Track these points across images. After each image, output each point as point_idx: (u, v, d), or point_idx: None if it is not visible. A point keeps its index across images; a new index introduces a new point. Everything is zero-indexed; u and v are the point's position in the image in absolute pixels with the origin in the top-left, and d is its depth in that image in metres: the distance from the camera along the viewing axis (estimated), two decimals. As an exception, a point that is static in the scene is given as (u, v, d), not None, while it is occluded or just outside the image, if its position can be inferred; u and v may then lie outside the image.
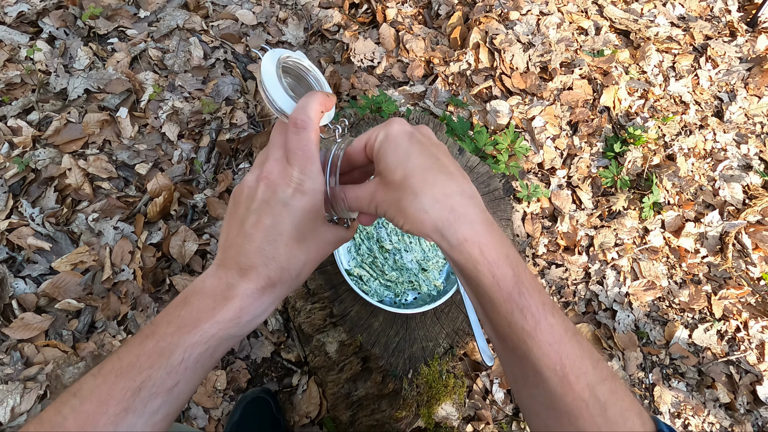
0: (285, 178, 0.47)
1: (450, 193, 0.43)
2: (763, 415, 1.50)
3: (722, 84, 1.98)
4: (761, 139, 1.90)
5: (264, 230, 0.46)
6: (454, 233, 0.42)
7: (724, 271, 1.66)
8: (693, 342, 1.57)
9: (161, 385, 0.42)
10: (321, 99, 0.48)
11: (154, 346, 0.42)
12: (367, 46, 1.86)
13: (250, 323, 0.46)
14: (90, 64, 1.59)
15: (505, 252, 0.43)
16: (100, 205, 1.43)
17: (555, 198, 1.70)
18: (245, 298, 0.45)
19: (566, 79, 1.84)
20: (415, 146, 0.45)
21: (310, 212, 0.47)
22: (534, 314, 0.42)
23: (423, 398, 0.92)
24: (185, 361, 0.42)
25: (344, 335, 0.94)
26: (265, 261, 0.46)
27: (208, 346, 0.43)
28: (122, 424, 0.40)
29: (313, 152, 0.47)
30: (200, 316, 0.44)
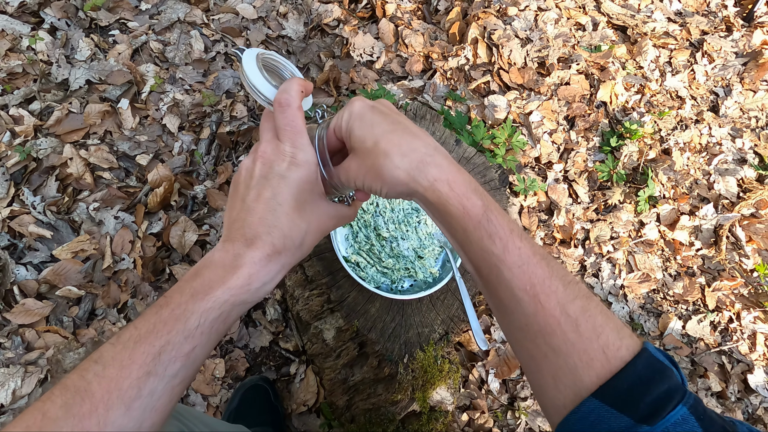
0: (279, 153, 0.50)
1: (416, 147, 0.47)
2: (752, 403, 1.52)
3: (718, 79, 2.00)
4: (756, 133, 1.92)
5: (264, 202, 0.49)
6: (425, 176, 0.46)
7: (718, 263, 1.68)
8: (686, 333, 1.59)
9: (180, 349, 0.43)
10: (300, 81, 0.52)
11: (170, 314, 0.44)
12: (366, 40, 1.88)
13: (260, 290, 0.48)
14: (91, 56, 1.61)
15: (473, 187, 0.47)
16: (101, 194, 1.45)
17: (552, 192, 1.71)
18: (253, 265, 0.47)
19: (563, 75, 1.85)
20: (377, 116, 0.50)
21: (306, 182, 0.50)
22: (502, 238, 0.45)
23: (418, 382, 0.93)
24: (201, 326, 0.44)
25: (341, 321, 0.96)
26: (268, 229, 0.48)
27: (221, 311, 0.45)
28: (145, 387, 0.42)
29: (301, 126, 0.51)
30: (212, 284, 0.46)
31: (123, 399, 0.41)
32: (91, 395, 0.40)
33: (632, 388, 0.40)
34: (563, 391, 0.44)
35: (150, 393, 0.42)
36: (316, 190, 0.52)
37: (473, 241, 0.47)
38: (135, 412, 0.41)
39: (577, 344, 0.43)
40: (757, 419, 1.51)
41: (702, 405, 0.40)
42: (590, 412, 0.41)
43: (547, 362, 0.45)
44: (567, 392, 0.43)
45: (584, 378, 0.42)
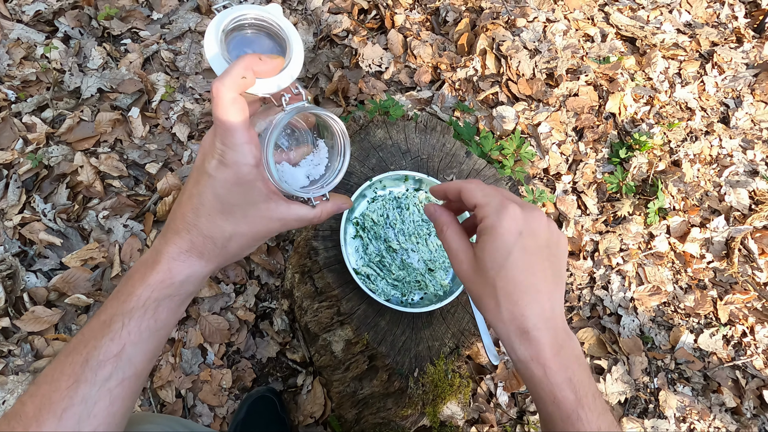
0: (211, 149, 0.46)
1: (527, 315, 0.46)
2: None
3: (728, 90, 1.99)
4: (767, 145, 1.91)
5: (190, 198, 0.48)
6: (522, 351, 0.46)
7: (730, 276, 1.66)
8: (698, 347, 1.57)
9: (107, 352, 0.44)
10: (246, 63, 0.44)
11: (97, 321, 0.45)
12: (375, 51, 1.88)
13: (186, 282, 0.48)
14: (103, 64, 1.62)
15: (568, 375, 0.46)
16: (111, 202, 1.45)
17: (560, 203, 1.71)
18: (171, 260, 0.47)
19: (572, 86, 1.85)
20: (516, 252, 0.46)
21: (234, 185, 0.46)
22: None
23: (428, 397, 0.92)
24: (126, 326, 0.45)
25: (351, 333, 0.95)
26: (187, 227, 0.48)
27: (145, 309, 0.46)
28: (76, 396, 0.42)
29: (233, 123, 0.44)
30: (134, 284, 0.46)
31: (54, 411, 0.41)
32: (24, 415, 0.41)
33: None
34: None
35: (82, 400, 0.42)
36: (251, 193, 0.47)
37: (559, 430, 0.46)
38: (68, 421, 0.42)
39: None
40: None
41: None
42: None
43: None
44: None
45: None
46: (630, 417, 1.46)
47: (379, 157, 1.05)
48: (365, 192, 0.98)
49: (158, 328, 0.47)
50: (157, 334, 0.47)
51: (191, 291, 0.49)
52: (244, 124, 0.45)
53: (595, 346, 1.55)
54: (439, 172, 1.08)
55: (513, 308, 0.46)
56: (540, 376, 0.45)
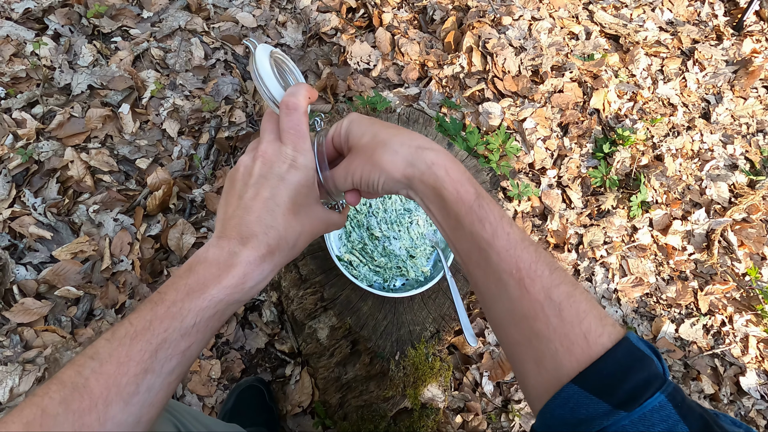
0: (280, 155, 0.51)
1: (414, 137, 0.51)
2: (745, 405, 1.54)
3: (709, 86, 2.03)
4: (747, 139, 1.95)
5: (263, 202, 0.50)
6: (422, 160, 0.49)
7: (710, 267, 1.70)
8: (680, 336, 1.60)
9: (176, 346, 0.44)
10: (308, 87, 0.54)
11: (166, 311, 0.45)
12: (363, 49, 1.91)
13: (253, 289, 0.49)
14: (94, 61, 1.64)
15: (467, 176, 0.50)
16: (101, 197, 1.47)
17: (545, 197, 1.74)
18: (248, 265, 0.48)
19: (557, 82, 1.89)
20: (374, 120, 0.54)
21: (304, 186, 0.52)
22: (492, 223, 0.47)
23: (410, 379, 0.95)
24: (197, 324, 0.45)
25: (334, 319, 0.98)
26: (265, 230, 0.49)
27: (216, 310, 0.47)
28: (143, 384, 0.43)
29: (305, 131, 0.52)
30: (207, 282, 0.46)
31: (122, 395, 0.41)
32: (90, 391, 0.41)
33: (611, 375, 0.40)
34: (545, 377, 0.44)
35: (148, 389, 0.43)
36: (312, 194, 0.53)
37: (464, 225, 0.48)
38: (133, 407, 0.42)
39: (558, 329, 0.43)
40: (750, 421, 1.52)
41: (681, 394, 0.40)
42: (570, 398, 0.41)
43: (530, 347, 0.45)
44: (548, 378, 0.43)
45: (565, 363, 0.42)
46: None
47: (363, 148, 1.08)
48: (348, 181, 1.00)
49: (217, 328, 0.49)
50: (214, 332, 0.49)
51: (253, 296, 0.50)
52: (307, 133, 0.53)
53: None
54: (421, 163, 1.10)
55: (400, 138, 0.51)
56: (443, 176, 0.49)
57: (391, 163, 0.50)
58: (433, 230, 1.04)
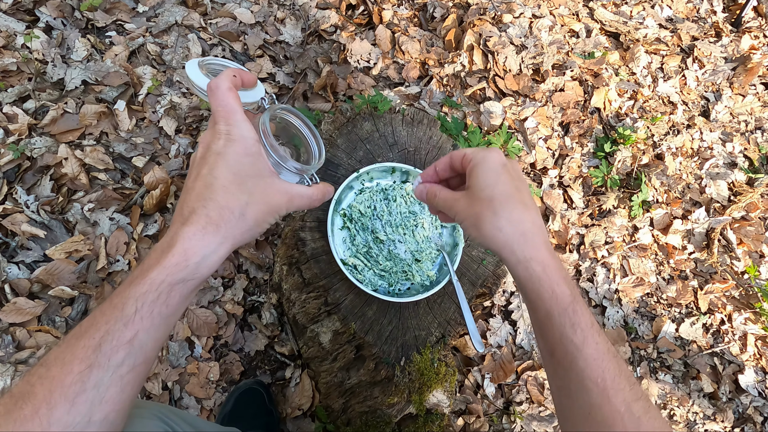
0: (215, 134, 0.51)
1: (523, 220, 0.52)
2: (743, 402, 1.55)
3: (708, 84, 2.02)
4: (746, 137, 1.95)
5: (202, 179, 0.49)
6: (522, 251, 0.50)
7: (710, 266, 1.70)
8: (680, 335, 1.60)
9: (120, 337, 0.43)
10: (235, 70, 0.54)
11: (109, 304, 0.45)
12: (363, 47, 1.89)
13: (201, 264, 0.47)
14: (88, 56, 1.60)
15: (563, 274, 0.51)
16: (96, 195, 1.44)
17: (547, 197, 1.73)
18: (187, 240, 0.47)
19: (558, 81, 1.87)
20: (504, 175, 0.53)
21: (245, 156, 0.50)
22: (584, 330, 0.49)
23: (415, 385, 0.93)
24: (139, 311, 0.44)
25: (338, 324, 0.96)
26: (203, 203, 0.48)
27: (159, 292, 0.45)
28: (89, 381, 0.42)
29: (233, 105, 0.51)
30: (149, 268, 0.46)
31: (66, 395, 0.41)
32: (33, 397, 0.40)
33: None
34: None
35: (95, 385, 0.42)
36: (259, 164, 0.52)
37: (554, 324, 0.50)
38: (81, 406, 0.41)
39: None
40: (747, 418, 1.53)
41: None
42: None
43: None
44: None
45: None
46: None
47: (366, 150, 1.06)
48: (352, 184, 0.99)
49: (169, 314, 0.47)
50: (168, 321, 0.47)
51: (205, 274, 0.48)
52: (241, 108, 0.51)
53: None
54: (425, 164, 1.09)
55: (510, 215, 0.51)
56: (540, 273, 0.50)
57: (491, 235, 0.52)
58: (439, 233, 1.03)
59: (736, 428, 1.52)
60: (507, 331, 1.53)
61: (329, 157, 1.03)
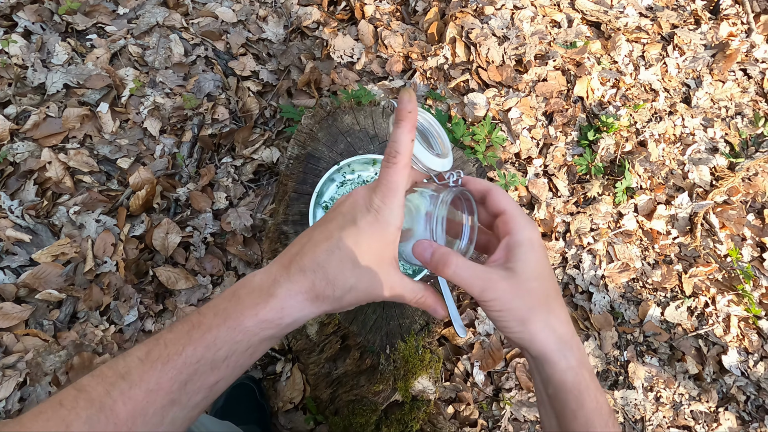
0: (366, 202, 0.47)
1: (563, 320, 0.47)
2: (726, 383, 1.58)
3: (689, 71, 2.05)
4: (726, 122, 1.98)
5: (328, 240, 0.47)
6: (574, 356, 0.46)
7: (694, 250, 1.73)
8: (665, 319, 1.63)
9: (205, 381, 0.43)
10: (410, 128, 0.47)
11: (200, 338, 0.43)
12: (346, 42, 1.89)
13: (291, 326, 0.46)
14: (69, 60, 1.60)
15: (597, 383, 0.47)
16: (82, 198, 1.44)
17: (532, 186, 1.74)
18: (288, 298, 0.45)
19: (541, 71, 1.89)
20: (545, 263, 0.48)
21: (378, 241, 0.47)
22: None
23: (400, 372, 0.95)
24: (228, 359, 0.43)
25: (323, 315, 0.97)
26: (315, 267, 0.46)
27: (249, 344, 0.44)
28: (168, 416, 0.41)
29: (397, 185, 0.46)
30: (244, 312, 0.44)
31: (147, 425, 0.40)
32: (116, 416, 0.39)
33: None
34: None
35: (172, 421, 0.42)
36: (385, 253, 0.47)
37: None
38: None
39: None
40: (731, 398, 1.56)
41: None
42: None
43: None
44: None
45: None
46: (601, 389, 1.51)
47: (348, 142, 1.07)
48: (334, 176, 0.99)
49: (249, 365, 0.46)
50: (244, 369, 0.47)
51: (287, 333, 0.47)
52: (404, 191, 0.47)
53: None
54: (406, 155, 1.10)
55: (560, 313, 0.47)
56: (588, 380, 0.46)
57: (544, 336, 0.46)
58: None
59: (720, 407, 1.55)
60: (495, 320, 1.55)
61: (310, 151, 1.04)
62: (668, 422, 1.54)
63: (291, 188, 1.02)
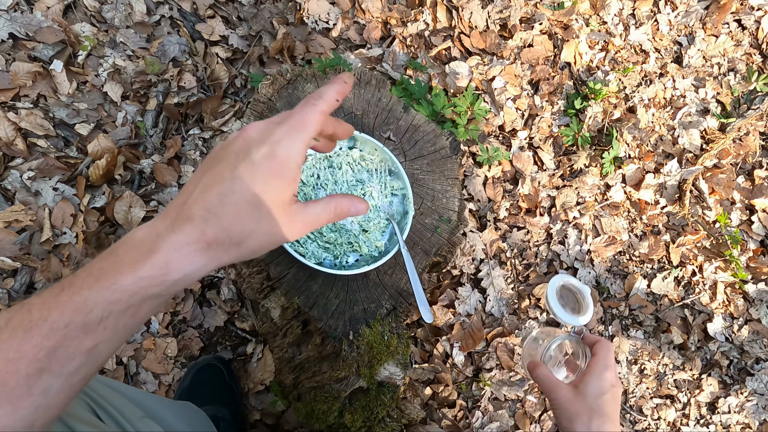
0: (264, 134, 0.44)
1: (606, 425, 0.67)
2: (711, 349, 1.58)
3: (681, 27, 1.94)
4: (718, 81, 1.89)
5: (219, 183, 0.43)
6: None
7: (682, 218, 1.68)
8: (651, 291, 1.60)
9: (79, 346, 0.38)
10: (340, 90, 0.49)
11: (69, 300, 0.39)
12: (321, 6, 1.77)
13: (179, 282, 0.42)
14: (14, 5, 1.47)
15: None
16: (37, 163, 1.37)
17: (516, 160, 1.67)
18: (173, 251, 0.41)
19: (526, 36, 1.78)
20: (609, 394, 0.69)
21: (277, 177, 0.44)
22: None
23: (364, 359, 0.90)
24: (104, 321, 0.39)
25: (283, 299, 0.91)
26: (205, 215, 0.42)
27: (129, 305, 0.40)
28: (36, 386, 0.37)
29: (308, 123, 0.45)
30: (122, 269, 0.40)
31: (9, 398, 0.36)
32: None
33: None
34: None
35: (43, 392, 0.37)
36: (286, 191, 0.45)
37: None
38: (24, 410, 0.37)
39: None
40: (714, 364, 1.55)
41: None
42: None
43: None
44: None
45: None
46: (583, 367, 1.48)
47: (309, 113, 0.99)
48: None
49: (134, 326, 0.42)
50: (130, 331, 0.43)
51: (179, 290, 0.45)
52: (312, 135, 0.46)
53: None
54: (374, 129, 1.02)
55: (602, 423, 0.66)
56: None
57: None
58: (389, 202, 0.97)
59: (703, 374, 1.55)
60: (477, 299, 1.50)
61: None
62: (651, 393, 1.53)
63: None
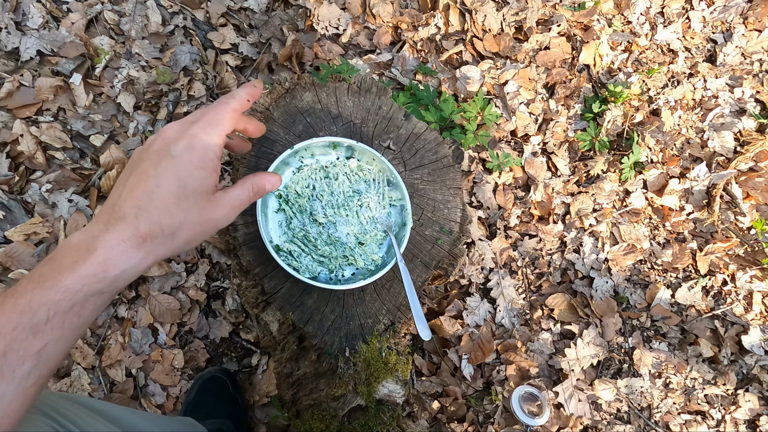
0: (181, 132, 0.48)
1: None
2: (747, 363, 1.47)
3: (717, 23, 1.82)
4: (758, 79, 1.76)
5: (144, 182, 0.45)
6: None
7: (711, 225, 1.59)
8: (676, 301, 1.52)
9: (28, 347, 0.40)
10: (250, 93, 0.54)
11: (14, 305, 0.40)
12: (332, 12, 1.76)
13: (120, 278, 0.44)
14: (44, 24, 1.52)
15: None
16: (54, 175, 1.40)
17: (528, 166, 1.62)
18: (109, 249, 0.43)
19: (543, 38, 1.73)
20: None
21: (198, 168, 0.47)
22: None
23: (361, 376, 0.87)
24: (50, 321, 0.40)
25: (278, 314, 0.90)
26: (136, 212, 0.44)
27: (73, 303, 0.41)
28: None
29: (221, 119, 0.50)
30: (62, 270, 0.42)
31: None
32: None
33: None
34: None
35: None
36: (209, 180, 0.48)
37: None
38: None
39: None
40: (753, 378, 1.45)
41: None
42: None
43: None
44: None
45: None
46: (603, 379, 1.42)
47: (307, 123, 0.97)
48: (289, 160, 0.90)
49: (80, 325, 0.44)
50: (78, 331, 0.44)
51: (121, 287, 0.45)
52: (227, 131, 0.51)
53: (566, 312, 1.49)
54: (374, 137, 0.99)
55: None
56: None
57: None
58: (387, 213, 0.94)
59: (739, 390, 1.45)
60: (486, 310, 1.46)
61: (266, 134, 0.95)
62: (679, 408, 1.44)
63: (242, 174, 0.93)
